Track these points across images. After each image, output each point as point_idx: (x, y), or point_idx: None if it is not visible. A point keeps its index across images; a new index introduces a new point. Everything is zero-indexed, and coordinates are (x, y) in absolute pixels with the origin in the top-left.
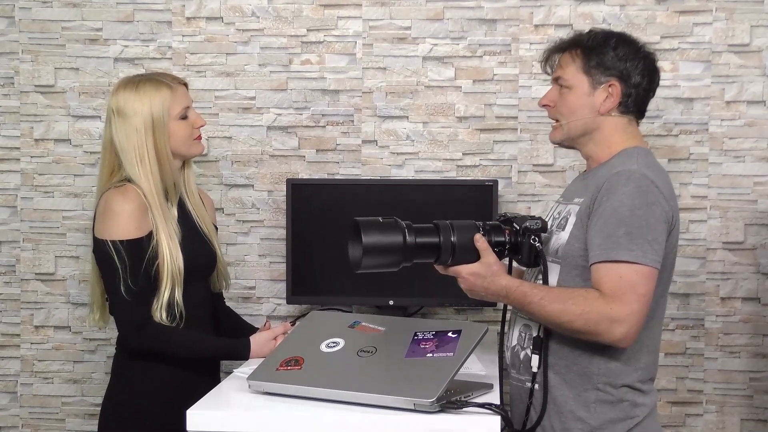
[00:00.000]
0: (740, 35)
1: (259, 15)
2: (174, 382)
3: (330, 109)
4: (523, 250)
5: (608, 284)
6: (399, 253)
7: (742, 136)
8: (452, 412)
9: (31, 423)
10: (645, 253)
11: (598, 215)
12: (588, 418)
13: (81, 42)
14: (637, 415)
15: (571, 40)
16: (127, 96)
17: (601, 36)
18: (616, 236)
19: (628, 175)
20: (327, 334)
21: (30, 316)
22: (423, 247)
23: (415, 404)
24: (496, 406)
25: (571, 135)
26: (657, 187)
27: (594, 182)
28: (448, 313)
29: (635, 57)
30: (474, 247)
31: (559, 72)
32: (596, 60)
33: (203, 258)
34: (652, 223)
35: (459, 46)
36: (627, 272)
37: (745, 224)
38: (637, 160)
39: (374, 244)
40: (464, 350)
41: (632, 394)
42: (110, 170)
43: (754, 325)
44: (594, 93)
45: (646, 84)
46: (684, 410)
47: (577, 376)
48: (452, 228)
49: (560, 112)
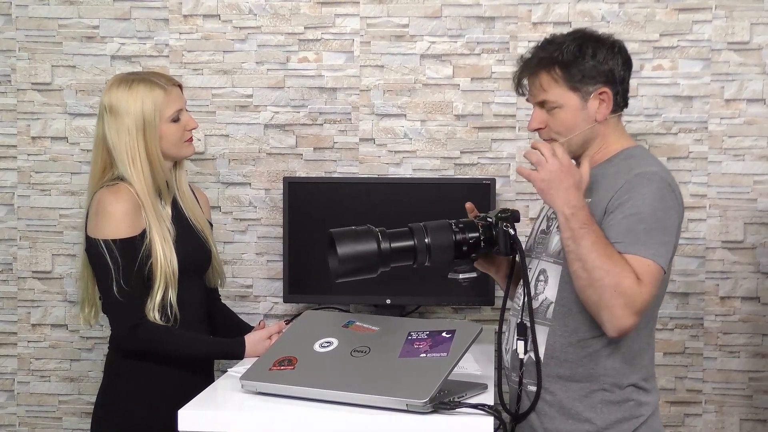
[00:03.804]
0: (740, 33)
1: (257, 12)
2: (167, 382)
3: (327, 107)
4: (499, 239)
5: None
6: (375, 259)
7: (742, 135)
8: (445, 413)
9: (28, 421)
10: (659, 253)
11: (619, 211)
12: (595, 418)
13: (78, 39)
14: (643, 414)
15: (540, 58)
16: (120, 94)
17: (574, 46)
18: (636, 232)
19: (650, 177)
20: (321, 333)
21: (27, 314)
22: (398, 252)
23: (408, 405)
24: (489, 407)
25: (572, 149)
26: (674, 192)
27: (599, 182)
28: (446, 312)
29: (612, 55)
30: (450, 246)
31: (543, 95)
32: (579, 74)
33: (198, 256)
34: (668, 227)
35: (457, 43)
36: (640, 266)
37: (745, 223)
38: (653, 162)
39: (349, 254)
40: (458, 350)
41: (637, 393)
42: (102, 167)
43: (753, 324)
44: (587, 105)
45: (628, 75)
46: (683, 410)
47: (584, 377)
48: (426, 230)
49: (556, 132)
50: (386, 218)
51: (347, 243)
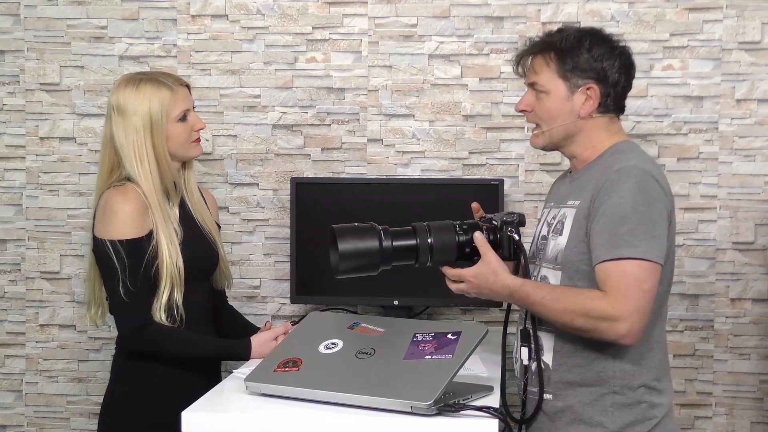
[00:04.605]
0: (751, 32)
1: (265, 13)
2: (174, 383)
3: (335, 108)
4: (503, 243)
5: (613, 282)
6: (376, 257)
7: (753, 135)
8: (450, 415)
9: (36, 422)
10: (650, 249)
11: (600, 214)
12: (606, 422)
13: (86, 40)
14: (656, 416)
15: (542, 42)
16: (127, 94)
17: (574, 37)
18: (619, 234)
19: (628, 171)
20: (326, 335)
21: (35, 314)
22: (400, 250)
23: (412, 407)
24: (494, 410)
25: (553, 140)
26: (657, 182)
27: (587, 182)
28: (454, 314)
29: (611, 56)
30: (453, 247)
31: (534, 77)
32: (571, 63)
33: (204, 258)
34: (655, 219)
35: (465, 43)
36: (631, 268)
37: (756, 224)
38: (634, 155)
39: (350, 250)
40: (463, 352)
41: (649, 394)
42: (110, 167)
43: (764, 326)
44: (572, 97)
45: (624, 81)
46: (693, 413)
47: (593, 381)
48: (429, 229)
49: (539, 118)
50: (394, 219)
51: (349, 239)
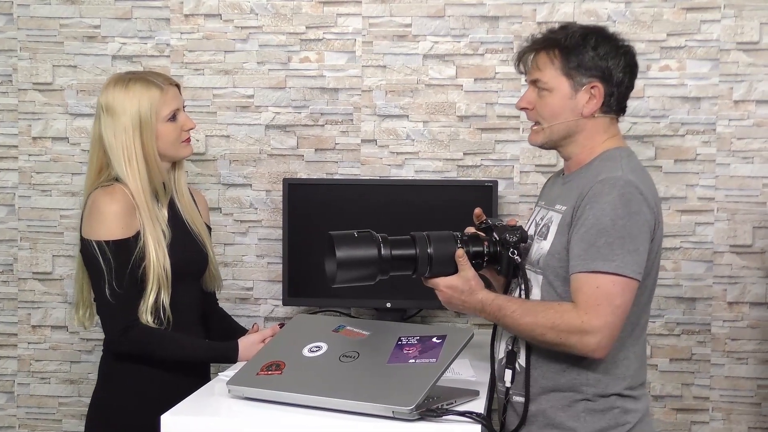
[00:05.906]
0: (749, 33)
1: (258, 12)
2: (161, 385)
3: (329, 108)
4: (502, 261)
5: (584, 295)
6: (374, 266)
7: (751, 137)
8: (432, 420)
9: (28, 423)
10: (625, 263)
11: (581, 224)
12: (578, 428)
13: (79, 39)
14: (629, 422)
15: (546, 39)
16: (116, 93)
17: (579, 34)
18: (596, 246)
19: (612, 182)
20: (311, 338)
21: (27, 315)
22: (399, 260)
23: (394, 412)
24: (477, 415)
25: (553, 138)
26: (641, 194)
27: (576, 188)
28: (448, 316)
29: (616, 54)
30: (452, 259)
31: (537, 74)
32: (576, 61)
33: (193, 260)
34: (634, 234)
35: (460, 43)
36: (604, 283)
37: (754, 227)
38: (621, 165)
39: (348, 258)
40: (448, 356)
41: (622, 401)
42: (99, 168)
43: (762, 330)
44: (576, 95)
45: (627, 81)
46: (690, 417)
47: (567, 387)
48: (429, 239)
49: (541, 115)
50: (388, 221)
51: (347, 247)
